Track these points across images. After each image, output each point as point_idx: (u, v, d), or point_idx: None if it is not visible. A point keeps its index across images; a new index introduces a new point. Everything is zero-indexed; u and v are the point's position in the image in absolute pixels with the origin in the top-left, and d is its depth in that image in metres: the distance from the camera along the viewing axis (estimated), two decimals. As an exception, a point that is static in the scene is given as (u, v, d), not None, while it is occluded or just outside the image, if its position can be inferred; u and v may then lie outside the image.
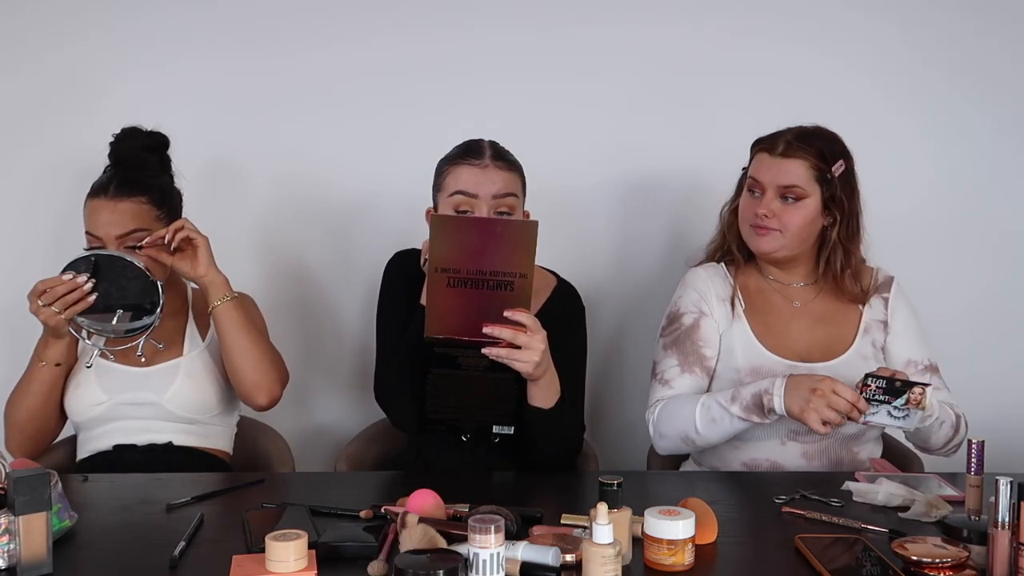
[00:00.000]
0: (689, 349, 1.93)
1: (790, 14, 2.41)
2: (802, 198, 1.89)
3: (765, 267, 2.01)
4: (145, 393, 1.93)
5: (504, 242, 1.57)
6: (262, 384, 1.91)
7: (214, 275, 1.88)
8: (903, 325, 1.97)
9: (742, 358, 1.91)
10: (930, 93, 2.44)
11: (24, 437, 1.91)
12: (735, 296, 1.97)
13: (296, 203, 2.41)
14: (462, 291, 1.58)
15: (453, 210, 1.79)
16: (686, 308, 1.97)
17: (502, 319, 1.59)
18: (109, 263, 1.80)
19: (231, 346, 1.90)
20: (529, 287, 1.60)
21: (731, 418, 1.78)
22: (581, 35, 2.39)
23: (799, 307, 1.97)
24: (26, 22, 2.32)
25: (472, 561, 1.18)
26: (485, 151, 1.82)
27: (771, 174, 1.89)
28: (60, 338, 1.85)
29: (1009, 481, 1.24)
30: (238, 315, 1.90)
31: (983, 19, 2.43)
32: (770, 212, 1.88)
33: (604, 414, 2.46)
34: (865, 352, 1.93)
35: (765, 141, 1.94)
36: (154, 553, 1.35)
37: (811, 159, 1.89)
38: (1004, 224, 2.48)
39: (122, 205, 1.85)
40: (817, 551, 1.34)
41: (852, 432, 1.88)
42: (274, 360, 1.95)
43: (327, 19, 2.36)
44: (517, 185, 1.83)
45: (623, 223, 2.46)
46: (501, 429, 1.84)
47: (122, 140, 1.94)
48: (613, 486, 1.30)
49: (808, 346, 1.93)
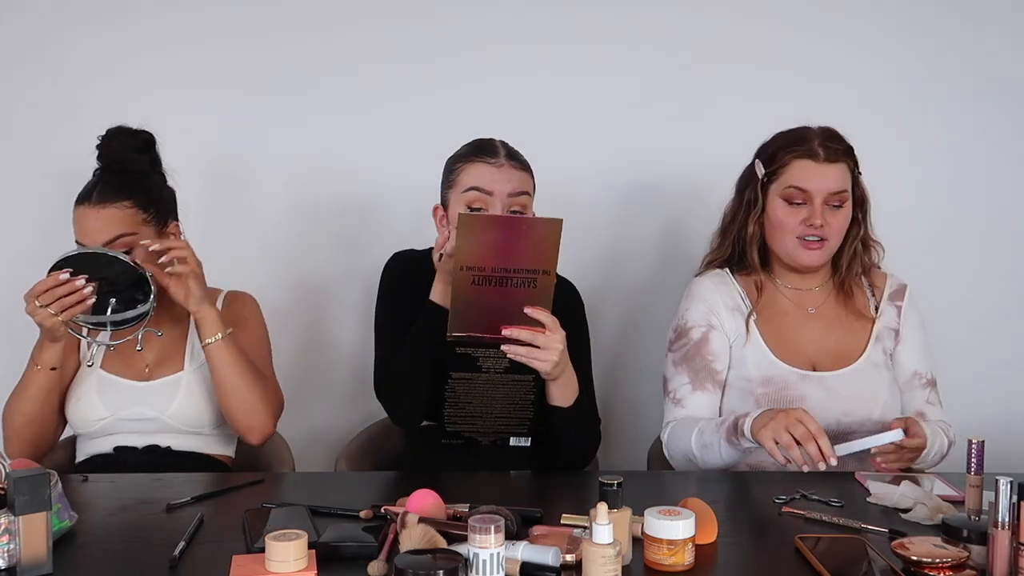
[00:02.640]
0: (699, 365, 1.92)
1: (786, 20, 2.41)
2: (844, 203, 1.87)
3: (780, 273, 1.97)
4: (146, 408, 1.92)
5: (530, 239, 1.57)
6: (254, 426, 1.89)
7: (205, 311, 1.85)
8: (913, 335, 1.96)
9: (753, 368, 1.90)
10: (922, 96, 2.44)
11: (23, 443, 1.88)
12: (745, 304, 1.94)
13: (299, 206, 2.42)
14: (486, 289, 1.58)
15: (467, 206, 1.79)
16: (694, 322, 1.94)
17: (523, 316, 1.60)
18: (95, 260, 1.78)
19: (223, 386, 1.87)
20: (552, 283, 1.61)
21: (719, 441, 1.78)
22: (581, 40, 2.39)
23: (813, 313, 1.94)
24: (41, 22, 2.32)
25: (472, 561, 1.18)
26: (499, 150, 1.83)
27: (818, 181, 1.84)
28: (56, 341, 1.82)
29: (1009, 481, 1.24)
30: (230, 354, 1.86)
31: (977, 23, 2.44)
32: (824, 220, 1.84)
33: (604, 415, 2.44)
34: (876, 360, 1.92)
35: (797, 146, 1.87)
36: (154, 553, 1.35)
37: (849, 161, 1.87)
38: (1002, 224, 2.48)
39: (106, 212, 1.82)
40: (817, 551, 1.33)
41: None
42: (266, 398, 1.91)
43: (333, 24, 2.36)
44: (529, 184, 1.84)
45: (620, 225, 2.46)
46: (518, 441, 1.84)
47: (109, 141, 1.90)
48: (613, 486, 1.30)
49: (820, 354, 1.91)
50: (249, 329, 1.98)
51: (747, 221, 1.94)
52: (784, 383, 1.87)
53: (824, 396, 1.87)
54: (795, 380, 1.88)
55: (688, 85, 2.41)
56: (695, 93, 2.42)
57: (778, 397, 1.87)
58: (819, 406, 1.85)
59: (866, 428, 1.86)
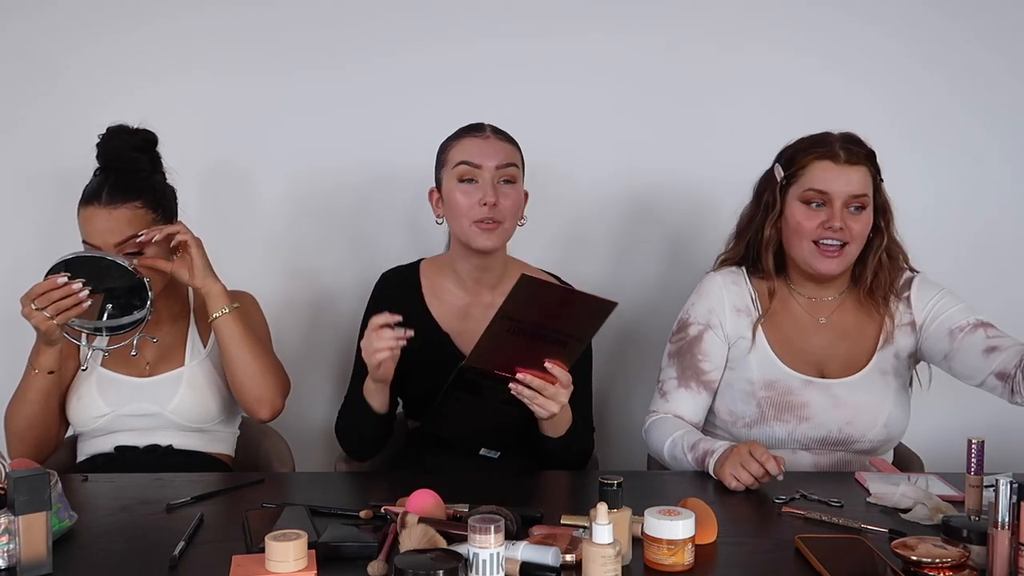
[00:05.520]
0: (688, 363, 1.91)
1: (789, 24, 2.41)
2: (865, 207, 1.83)
3: (797, 280, 1.93)
4: (147, 404, 1.92)
5: (580, 311, 1.56)
6: (264, 398, 1.90)
7: (211, 285, 1.86)
8: (935, 309, 1.88)
9: (757, 371, 1.88)
10: (928, 101, 2.44)
11: (25, 446, 1.88)
12: (755, 307, 1.92)
13: (299, 203, 2.41)
14: (519, 338, 1.57)
15: (458, 180, 1.81)
16: (695, 318, 1.93)
17: (541, 366, 1.59)
18: (94, 264, 1.77)
19: (232, 359, 1.88)
20: (580, 350, 1.61)
21: (689, 463, 1.77)
22: (582, 45, 2.39)
23: (824, 323, 1.91)
24: (36, 28, 2.33)
25: (472, 561, 1.18)
26: (485, 127, 1.88)
27: (839, 184, 1.81)
28: (52, 344, 1.81)
29: (1009, 481, 1.24)
30: (238, 327, 1.87)
31: (981, 27, 2.43)
32: (844, 224, 1.80)
33: (605, 415, 2.46)
34: (885, 367, 1.88)
35: (817, 148, 1.84)
36: (154, 553, 1.35)
37: (870, 165, 1.84)
38: (1002, 227, 2.48)
39: (117, 212, 1.81)
40: (817, 551, 1.33)
41: (867, 448, 1.87)
42: (275, 372, 1.93)
43: (331, 23, 2.36)
44: (517, 157, 1.87)
45: (624, 230, 2.46)
46: (488, 452, 1.85)
47: (109, 140, 1.89)
48: (613, 486, 1.30)
49: (827, 361, 1.89)
50: (251, 326, 1.98)
51: (764, 225, 1.89)
52: (787, 388, 1.86)
53: (827, 403, 1.85)
54: (798, 386, 1.86)
55: (694, 91, 2.41)
56: (701, 100, 2.41)
57: (780, 402, 1.86)
58: (821, 413, 1.85)
59: (868, 438, 1.85)
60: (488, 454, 1.85)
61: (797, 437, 1.86)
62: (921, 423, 2.03)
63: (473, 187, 1.81)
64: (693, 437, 1.79)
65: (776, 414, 1.86)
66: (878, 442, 1.87)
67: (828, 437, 1.86)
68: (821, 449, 1.87)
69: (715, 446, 1.73)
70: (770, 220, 1.88)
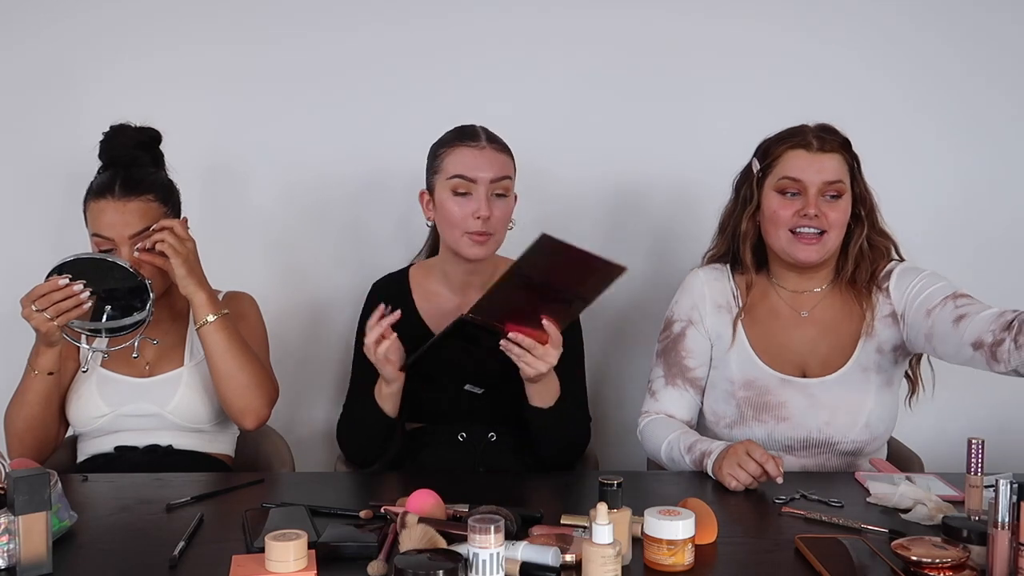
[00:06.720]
0: (673, 360, 1.91)
1: (775, 21, 2.41)
2: (842, 194, 1.82)
3: (779, 273, 1.91)
4: (147, 404, 1.92)
5: (591, 273, 1.58)
6: (248, 409, 1.89)
7: (194, 293, 1.83)
8: (916, 294, 1.81)
9: (737, 370, 1.87)
10: (943, 82, 2.43)
11: (24, 447, 1.88)
12: (736, 303, 1.91)
13: (298, 202, 2.41)
14: (526, 292, 1.59)
15: (451, 192, 1.82)
16: (678, 316, 1.94)
17: (537, 322, 1.62)
18: (95, 266, 1.76)
19: (216, 369, 1.86)
20: (581, 310, 1.65)
21: (687, 464, 1.77)
22: (569, 35, 2.39)
23: (806, 316, 1.89)
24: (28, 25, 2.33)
25: (472, 561, 1.18)
26: (480, 135, 1.87)
27: (812, 171, 1.80)
28: (52, 346, 1.80)
29: (1009, 481, 1.24)
30: (222, 337, 1.85)
31: (998, 6, 2.42)
32: (820, 211, 1.79)
33: (603, 415, 2.45)
34: (866, 363, 1.85)
35: (791, 138, 1.84)
36: (154, 553, 1.35)
37: (844, 152, 1.84)
38: (1016, 217, 2.47)
39: (131, 205, 1.82)
40: (817, 551, 1.33)
41: (850, 449, 1.85)
42: (261, 382, 1.90)
43: (332, 23, 2.36)
44: (511, 167, 1.88)
45: (610, 225, 2.45)
46: (472, 388, 1.86)
47: (112, 138, 1.89)
48: (613, 486, 1.30)
49: (808, 359, 1.87)
50: (247, 327, 1.98)
51: (741, 218, 1.90)
52: (765, 387, 1.85)
53: (805, 403, 1.84)
54: (776, 385, 1.85)
55: (679, 87, 2.41)
56: (686, 96, 2.41)
57: (759, 402, 1.85)
58: (800, 413, 1.84)
59: (849, 438, 1.84)
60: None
61: (777, 438, 1.84)
62: (921, 423, 2.03)
63: (467, 200, 1.82)
64: (689, 439, 1.79)
65: (755, 414, 1.85)
66: (861, 443, 1.85)
67: (809, 438, 1.84)
68: (804, 451, 1.85)
69: (712, 446, 1.72)
70: (747, 213, 1.89)
